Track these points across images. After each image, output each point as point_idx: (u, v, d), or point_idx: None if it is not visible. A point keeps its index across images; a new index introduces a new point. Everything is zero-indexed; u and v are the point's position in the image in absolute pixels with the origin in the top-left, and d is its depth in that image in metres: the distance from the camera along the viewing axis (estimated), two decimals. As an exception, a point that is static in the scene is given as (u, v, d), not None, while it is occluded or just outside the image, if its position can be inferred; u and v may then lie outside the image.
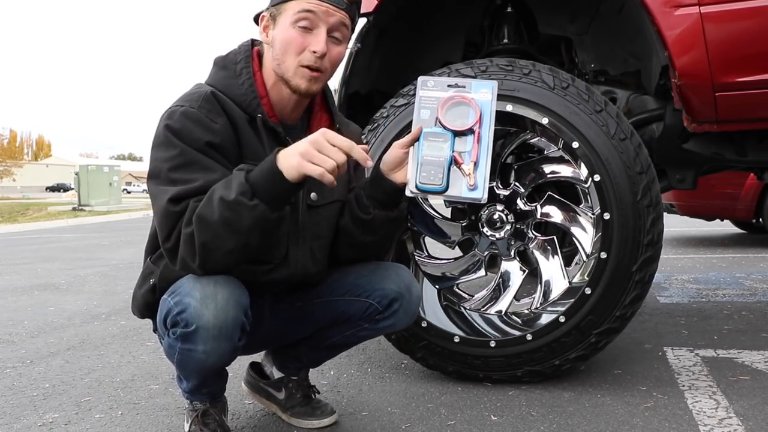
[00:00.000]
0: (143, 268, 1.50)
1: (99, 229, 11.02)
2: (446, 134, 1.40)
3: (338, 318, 1.55)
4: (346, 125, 1.60)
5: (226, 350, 1.31)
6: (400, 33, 2.29)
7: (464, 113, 1.40)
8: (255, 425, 1.68)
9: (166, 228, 1.29)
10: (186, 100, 1.36)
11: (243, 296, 1.32)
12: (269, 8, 1.41)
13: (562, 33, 2.37)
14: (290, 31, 1.36)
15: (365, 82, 2.26)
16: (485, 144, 1.40)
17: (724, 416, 1.61)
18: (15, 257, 6.51)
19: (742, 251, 5.30)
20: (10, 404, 1.89)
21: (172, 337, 1.33)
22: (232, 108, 1.38)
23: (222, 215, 1.21)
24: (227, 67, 1.45)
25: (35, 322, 3.10)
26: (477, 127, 1.39)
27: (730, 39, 1.79)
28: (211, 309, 1.26)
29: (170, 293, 1.34)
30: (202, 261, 1.26)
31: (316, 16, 1.36)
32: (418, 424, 1.64)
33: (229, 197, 1.22)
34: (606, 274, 1.78)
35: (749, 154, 2.16)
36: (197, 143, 1.31)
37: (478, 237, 2.02)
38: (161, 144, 1.33)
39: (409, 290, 1.52)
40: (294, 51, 1.37)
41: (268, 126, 1.41)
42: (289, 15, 1.36)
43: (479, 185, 1.38)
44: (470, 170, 1.38)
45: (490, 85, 1.43)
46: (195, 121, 1.32)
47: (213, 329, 1.27)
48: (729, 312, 2.88)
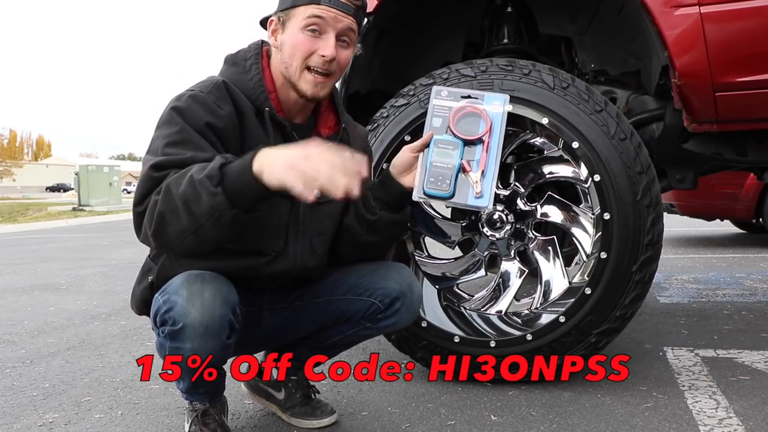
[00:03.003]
0: (143, 264, 1.51)
1: (99, 229, 11.02)
2: (456, 142, 1.44)
3: (339, 317, 1.56)
4: (353, 126, 1.61)
5: (213, 348, 1.31)
6: (400, 33, 2.29)
7: (475, 123, 1.44)
8: (255, 425, 1.68)
9: (141, 192, 1.26)
10: (197, 86, 1.39)
11: (231, 294, 1.32)
12: (278, 12, 1.43)
13: (562, 33, 2.37)
14: (299, 35, 1.38)
15: (365, 82, 2.26)
16: (494, 154, 1.43)
17: (724, 416, 1.61)
18: (15, 257, 6.51)
19: (742, 251, 5.30)
20: (10, 404, 1.89)
21: (161, 336, 1.33)
22: (240, 99, 1.39)
23: (184, 191, 1.19)
24: (237, 64, 1.47)
25: (35, 322, 3.10)
26: (487, 137, 1.44)
27: (730, 39, 1.79)
28: (197, 307, 1.26)
29: (161, 291, 1.34)
30: (155, 230, 1.23)
31: (324, 21, 1.37)
32: (418, 424, 1.64)
33: (197, 176, 1.19)
34: (606, 274, 1.78)
35: (749, 154, 2.16)
36: (198, 123, 1.31)
37: (478, 237, 2.02)
38: (164, 123, 1.34)
39: (411, 289, 1.53)
40: (302, 54, 1.39)
41: (275, 120, 1.42)
42: (299, 20, 1.38)
43: (485, 194, 1.41)
44: (478, 178, 1.41)
45: (503, 98, 1.47)
46: (201, 104, 1.34)
47: (199, 327, 1.27)
48: (729, 312, 2.88)
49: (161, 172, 1.25)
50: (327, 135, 1.50)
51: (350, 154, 1.22)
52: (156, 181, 1.25)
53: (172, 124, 1.32)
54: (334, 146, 1.22)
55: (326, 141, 1.33)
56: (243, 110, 1.39)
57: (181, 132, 1.30)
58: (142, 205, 1.26)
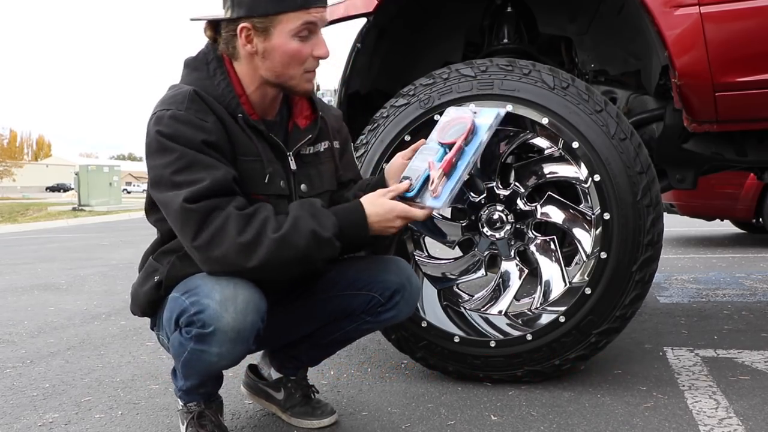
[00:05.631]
0: (144, 266, 1.49)
1: (99, 229, 11.02)
2: (437, 147, 1.44)
3: (340, 313, 1.56)
4: (327, 109, 1.62)
5: (240, 353, 1.34)
6: (400, 33, 2.29)
7: (459, 131, 1.45)
8: (255, 425, 1.68)
9: (193, 227, 1.26)
10: (170, 103, 1.34)
11: (262, 302, 1.32)
12: (250, 18, 1.34)
13: (562, 33, 2.37)
14: (292, 43, 1.35)
15: (365, 82, 2.26)
16: (466, 160, 1.40)
17: (724, 416, 1.61)
18: (15, 257, 6.51)
19: (742, 251, 5.30)
20: (10, 404, 1.90)
21: (184, 336, 1.32)
22: (216, 106, 1.36)
23: (308, 247, 1.28)
24: (199, 68, 1.42)
25: (35, 322, 3.10)
26: (461, 141, 1.41)
27: (730, 39, 1.79)
28: (230, 312, 1.26)
29: (184, 292, 1.32)
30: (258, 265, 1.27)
31: (315, 25, 1.37)
32: (418, 424, 1.64)
33: (323, 234, 1.30)
34: (606, 274, 1.78)
35: (749, 154, 2.16)
36: (193, 143, 1.29)
37: (478, 237, 2.02)
38: (157, 151, 1.31)
39: (410, 281, 1.54)
40: (299, 62, 1.38)
41: (249, 124, 1.40)
42: (289, 27, 1.34)
43: (442, 195, 1.37)
44: (436, 177, 1.38)
45: (495, 112, 1.46)
46: (186, 123, 1.30)
47: (231, 332, 1.27)
48: (729, 312, 2.88)
49: (198, 204, 1.25)
50: (305, 126, 1.51)
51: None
52: (199, 213, 1.26)
53: (167, 151, 1.29)
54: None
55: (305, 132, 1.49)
56: (222, 117, 1.36)
57: (182, 157, 1.28)
58: (199, 238, 1.27)
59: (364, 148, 1.99)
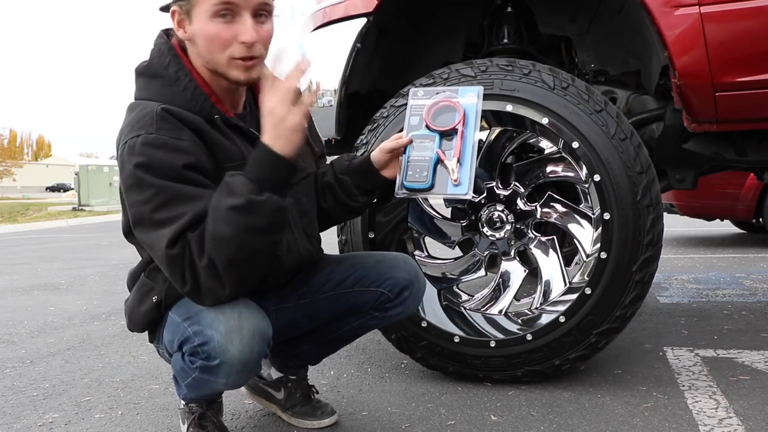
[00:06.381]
0: (136, 284, 1.44)
1: (99, 229, 11.02)
2: (432, 135, 1.47)
3: (347, 310, 1.56)
4: None
5: (246, 380, 1.36)
6: (400, 33, 2.29)
7: (449, 115, 1.49)
8: (255, 425, 1.68)
9: (177, 273, 1.21)
10: (139, 128, 1.23)
11: (268, 329, 1.29)
12: (177, 1, 1.27)
13: (562, 33, 2.37)
14: (210, 25, 1.25)
15: (365, 82, 2.26)
16: (469, 143, 1.45)
17: (724, 416, 1.61)
18: (15, 257, 6.51)
19: (742, 251, 5.30)
20: (10, 404, 1.90)
21: (188, 365, 1.30)
22: (188, 117, 1.27)
23: (238, 223, 1.16)
24: (158, 75, 1.32)
25: (35, 322, 3.10)
26: (461, 126, 1.46)
27: (730, 39, 1.78)
28: (236, 344, 1.22)
29: (186, 318, 1.28)
30: (234, 283, 1.21)
31: (234, 3, 1.24)
32: (418, 424, 1.64)
33: (238, 202, 1.16)
34: (606, 274, 1.78)
35: (749, 154, 2.16)
36: (173, 171, 1.21)
37: (478, 237, 2.02)
38: (133, 186, 1.22)
39: (417, 277, 1.56)
40: (220, 46, 1.26)
41: (228, 124, 1.34)
42: (205, 8, 1.24)
43: (464, 182, 1.42)
44: (454, 166, 1.41)
45: (476, 89, 1.50)
46: (161, 147, 1.21)
47: (238, 365, 1.24)
48: (729, 312, 2.88)
49: (177, 245, 1.19)
50: None
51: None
52: (180, 256, 1.19)
53: (143, 186, 1.20)
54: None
55: None
56: (197, 127, 1.27)
57: (161, 191, 1.20)
58: (187, 283, 1.21)
59: (364, 148, 1.99)
